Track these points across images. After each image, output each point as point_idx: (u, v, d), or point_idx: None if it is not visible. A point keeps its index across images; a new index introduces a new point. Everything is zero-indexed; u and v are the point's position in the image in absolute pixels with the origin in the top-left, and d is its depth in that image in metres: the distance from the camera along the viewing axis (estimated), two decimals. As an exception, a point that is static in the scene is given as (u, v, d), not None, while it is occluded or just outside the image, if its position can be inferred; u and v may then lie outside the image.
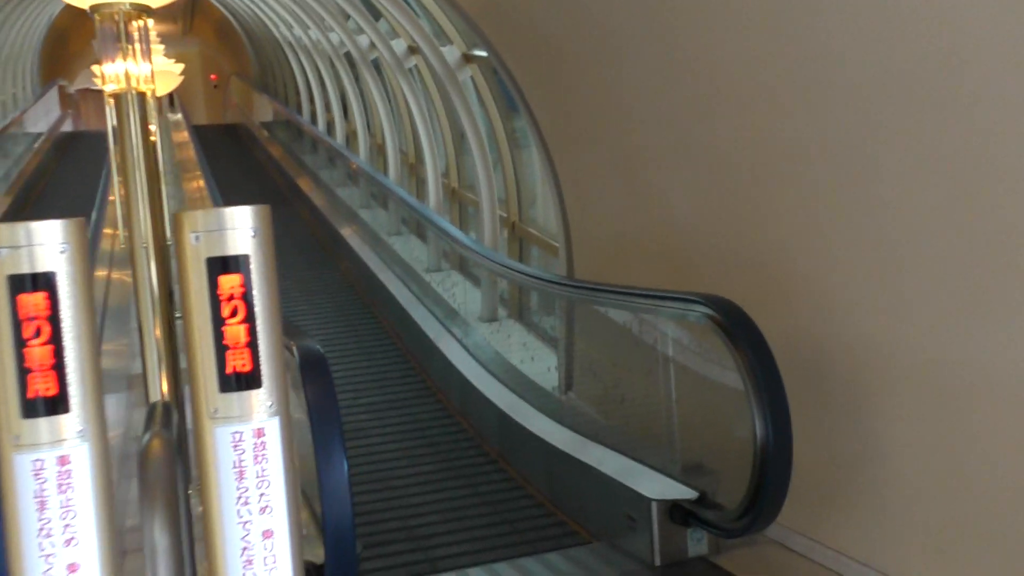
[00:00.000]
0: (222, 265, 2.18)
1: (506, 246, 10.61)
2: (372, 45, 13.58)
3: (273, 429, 2.22)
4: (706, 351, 4.90)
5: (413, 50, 12.03)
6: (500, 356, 8.58)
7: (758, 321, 4.43)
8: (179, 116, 20.64)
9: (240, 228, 2.19)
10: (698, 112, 5.28)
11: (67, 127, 29.51)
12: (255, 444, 2.19)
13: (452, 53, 10.41)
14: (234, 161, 22.92)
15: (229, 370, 2.19)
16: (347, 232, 13.97)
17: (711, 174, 5.34)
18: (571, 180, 7.37)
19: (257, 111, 27.90)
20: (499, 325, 9.73)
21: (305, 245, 14.98)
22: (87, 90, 35.63)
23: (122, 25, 4.44)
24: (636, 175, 6.19)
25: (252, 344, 2.18)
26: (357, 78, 16.43)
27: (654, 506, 4.88)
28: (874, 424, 4.34)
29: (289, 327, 5.21)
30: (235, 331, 2.19)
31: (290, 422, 2.29)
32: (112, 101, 4.57)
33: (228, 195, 18.85)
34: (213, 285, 2.18)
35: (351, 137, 17.95)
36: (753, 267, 5.07)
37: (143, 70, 4.58)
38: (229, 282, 2.21)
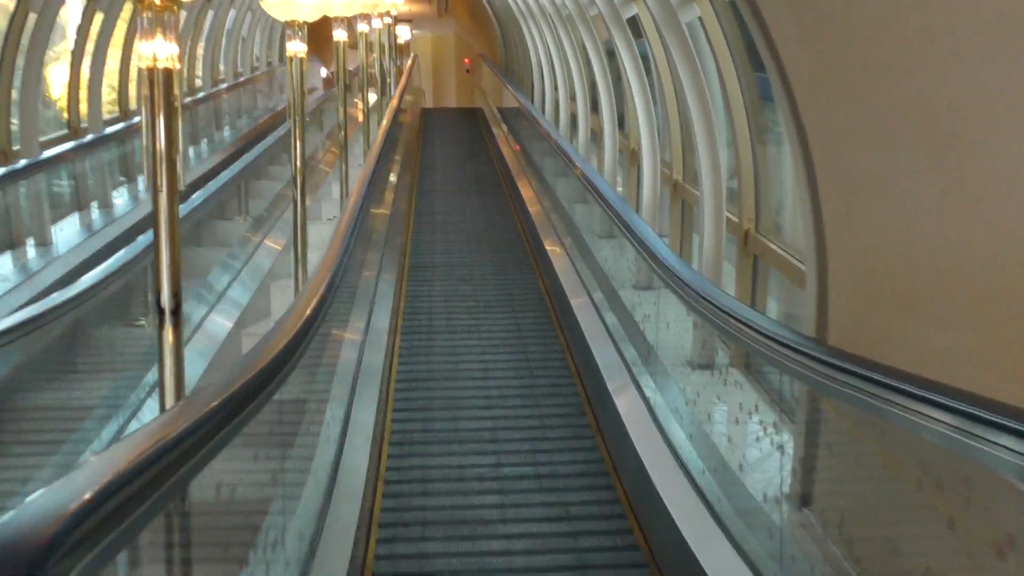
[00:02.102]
0: None
1: (735, 264, 7.58)
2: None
3: None
4: None
5: (634, -5, 9.22)
6: (700, 431, 5.61)
7: None
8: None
9: None
10: None
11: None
12: None
13: (675, -15, 7.51)
14: (459, 145, 21.75)
15: None
16: (547, 234, 11.39)
17: None
18: (833, 162, 4.34)
19: (503, 97, 26.07)
20: (712, 376, 6.67)
21: (504, 248, 12.57)
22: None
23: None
24: (951, 152, 3.13)
25: None
26: (587, 54, 13.84)
27: None
28: None
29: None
30: None
31: None
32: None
33: (431, 179, 17.12)
34: None
35: (575, 118, 15.43)
36: None
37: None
38: None
